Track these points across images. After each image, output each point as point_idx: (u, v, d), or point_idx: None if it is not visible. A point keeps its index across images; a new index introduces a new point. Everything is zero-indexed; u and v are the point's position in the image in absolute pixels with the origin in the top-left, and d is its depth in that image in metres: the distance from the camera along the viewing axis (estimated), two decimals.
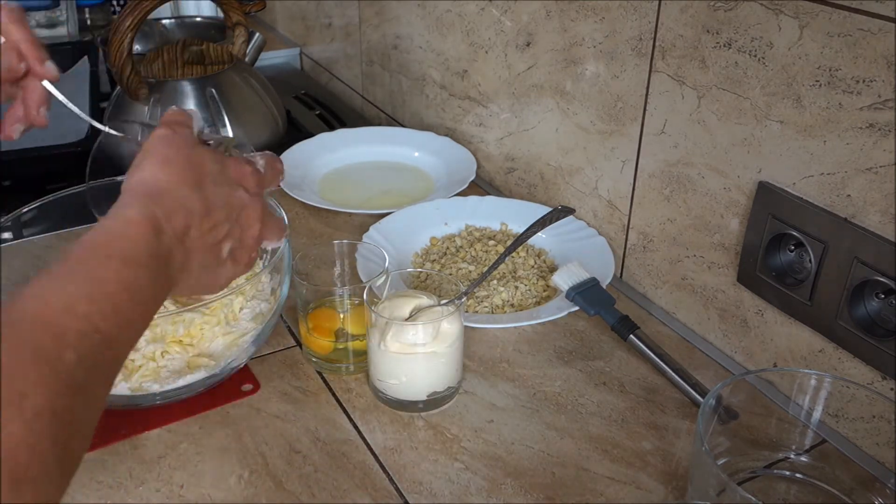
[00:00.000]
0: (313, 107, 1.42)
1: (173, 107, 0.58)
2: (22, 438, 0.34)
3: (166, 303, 0.69)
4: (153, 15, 1.03)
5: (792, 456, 0.62)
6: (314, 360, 0.74)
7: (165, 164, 0.51)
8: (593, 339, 0.79)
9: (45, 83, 0.62)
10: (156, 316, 0.64)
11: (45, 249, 0.76)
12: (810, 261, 0.65)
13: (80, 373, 0.38)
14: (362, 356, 0.73)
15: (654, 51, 0.77)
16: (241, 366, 0.71)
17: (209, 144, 0.56)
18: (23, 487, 0.34)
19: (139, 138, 0.60)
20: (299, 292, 0.73)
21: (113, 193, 0.50)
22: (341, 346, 0.73)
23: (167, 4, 1.05)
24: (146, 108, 1.05)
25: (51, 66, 0.62)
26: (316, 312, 0.74)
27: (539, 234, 0.84)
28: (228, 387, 0.71)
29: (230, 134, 1.09)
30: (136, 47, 1.07)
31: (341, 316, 0.74)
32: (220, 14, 1.22)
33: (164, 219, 0.48)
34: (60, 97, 0.62)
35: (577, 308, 0.78)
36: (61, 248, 0.45)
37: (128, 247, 0.45)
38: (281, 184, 1.05)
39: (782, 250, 0.69)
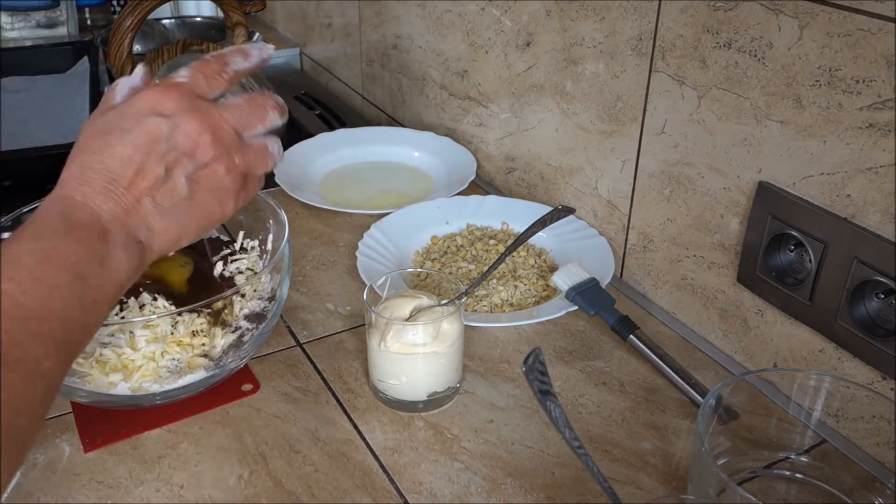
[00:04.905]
0: (313, 107, 1.42)
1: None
2: None
3: (166, 303, 0.69)
4: (153, 15, 1.03)
5: (792, 456, 0.62)
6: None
7: (82, 135, 0.52)
8: (593, 339, 0.79)
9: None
10: (155, 316, 0.64)
11: None
12: (810, 261, 0.65)
13: (10, 350, 0.40)
14: None
15: (654, 51, 0.77)
16: (241, 366, 0.71)
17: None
18: None
19: None
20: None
21: None
22: None
23: (167, 4, 1.05)
24: None
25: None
26: None
27: (539, 233, 0.84)
28: (228, 387, 0.71)
29: None
30: (136, 47, 1.07)
31: None
32: (220, 14, 1.22)
33: (76, 185, 0.48)
34: None
35: (576, 308, 0.78)
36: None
37: (37, 224, 0.46)
38: (281, 184, 1.05)
39: (782, 250, 0.69)
